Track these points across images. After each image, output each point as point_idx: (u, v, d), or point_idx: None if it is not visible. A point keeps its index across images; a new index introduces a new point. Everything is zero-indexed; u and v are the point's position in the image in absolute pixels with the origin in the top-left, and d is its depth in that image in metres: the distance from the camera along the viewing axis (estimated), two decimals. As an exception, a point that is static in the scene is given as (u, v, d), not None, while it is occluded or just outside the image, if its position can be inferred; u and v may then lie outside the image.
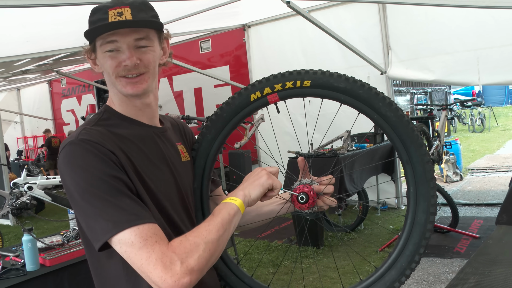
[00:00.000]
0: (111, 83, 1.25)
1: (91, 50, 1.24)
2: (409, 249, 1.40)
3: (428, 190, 1.39)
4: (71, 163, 1.11)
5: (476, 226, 5.57)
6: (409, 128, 1.38)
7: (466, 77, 5.98)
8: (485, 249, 1.97)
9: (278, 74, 1.39)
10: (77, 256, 2.84)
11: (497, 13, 4.85)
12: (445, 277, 4.13)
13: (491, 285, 1.60)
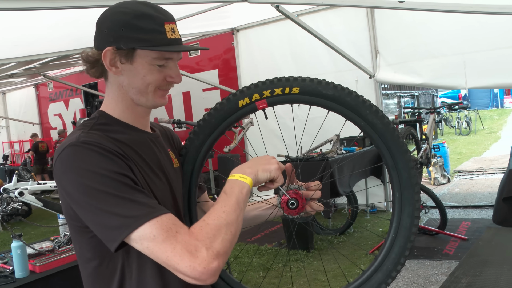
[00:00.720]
0: (140, 93, 1.21)
1: (124, 54, 1.17)
2: (394, 252, 1.45)
3: (413, 195, 1.42)
4: (74, 165, 1.06)
5: (464, 228, 5.62)
6: (394, 135, 1.41)
7: (453, 81, 6.04)
8: (475, 251, 2.00)
9: (267, 81, 1.39)
10: (67, 262, 2.81)
11: (483, 18, 4.91)
12: (434, 279, 4.17)
13: (482, 286, 1.62)
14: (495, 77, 5.91)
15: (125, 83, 1.21)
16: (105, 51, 1.16)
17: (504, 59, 5.65)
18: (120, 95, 1.23)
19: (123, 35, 1.15)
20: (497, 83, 6.46)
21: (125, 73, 1.20)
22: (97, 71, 1.24)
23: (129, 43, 1.15)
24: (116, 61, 1.18)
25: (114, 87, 1.23)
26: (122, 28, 1.15)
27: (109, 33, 1.16)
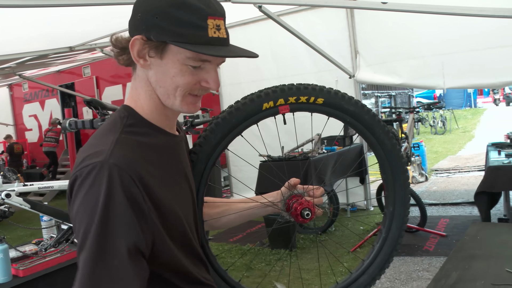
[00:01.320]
0: (167, 93, 1.06)
1: (154, 47, 1.01)
2: (380, 258, 1.59)
3: (404, 211, 1.58)
4: (95, 191, 0.91)
5: (443, 224, 5.73)
6: (399, 156, 1.53)
7: (432, 81, 6.15)
8: (462, 246, 2.05)
9: (293, 87, 1.41)
10: (52, 265, 2.77)
11: (460, 20, 5.02)
12: (416, 275, 4.23)
13: (472, 278, 1.67)
14: (472, 78, 6.04)
15: (153, 80, 1.06)
16: (133, 40, 1.01)
17: (480, 61, 5.78)
18: (148, 92, 1.08)
19: (155, 24, 0.99)
20: (473, 84, 6.60)
21: (154, 68, 1.04)
22: (126, 59, 1.08)
23: (160, 35, 0.99)
24: (145, 52, 1.02)
25: (142, 82, 1.08)
26: (156, 16, 0.98)
27: (143, 19, 1.00)
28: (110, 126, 1.05)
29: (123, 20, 4.65)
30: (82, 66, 10.58)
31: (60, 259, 2.86)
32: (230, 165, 8.55)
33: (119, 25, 5.85)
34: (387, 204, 1.57)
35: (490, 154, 5.14)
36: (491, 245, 2.04)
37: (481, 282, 1.63)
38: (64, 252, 2.93)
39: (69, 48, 6.39)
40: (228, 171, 8.62)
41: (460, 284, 1.64)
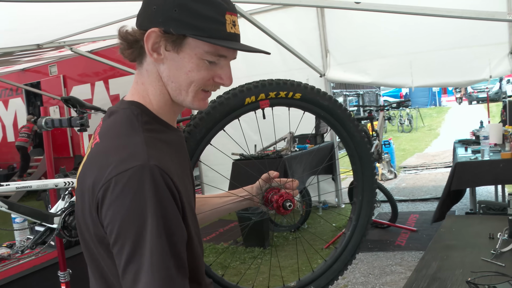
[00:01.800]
0: (180, 89, 1.03)
1: (171, 40, 0.98)
2: (351, 245, 1.69)
3: (372, 199, 1.69)
4: (140, 195, 0.88)
5: (413, 220, 5.86)
6: (367, 148, 1.65)
7: (401, 80, 6.29)
8: (439, 237, 2.12)
9: (273, 82, 1.46)
10: (27, 268, 2.71)
11: (428, 20, 5.14)
12: (389, 269, 4.32)
13: (450, 267, 1.74)
14: (438, 77, 6.21)
15: (165, 74, 1.02)
16: (150, 32, 0.97)
17: (447, 60, 5.95)
18: (158, 87, 1.04)
19: (174, 17, 0.96)
20: (440, 82, 6.78)
21: (167, 63, 1.01)
22: (134, 53, 1.04)
23: (180, 28, 0.96)
24: (159, 46, 0.99)
25: (152, 76, 1.04)
26: (175, 9, 0.96)
27: (159, 11, 0.97)
28: (128, 125, 1.00)
29: (94, 18, 4.53)
30: (48, 65, 10.32)
31: (35, 261, 2.81)
32: (201, 164, 8.51)
33: (89, 22, 5.78)
34: (357, 193, 1.67)
35: (457, 151, 5.29)
36: (466, 236, 2.11)
37: (459, 270, 1.68)
38: (39, 255, 2.87)
39: (37, 45, 6.24)
40: (200, 170, 8.59)
41: (440, 273, 1.69)
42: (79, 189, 1.00)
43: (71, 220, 2.34)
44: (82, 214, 0.99)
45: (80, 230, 1.03)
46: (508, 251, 1.82)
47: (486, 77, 5.94)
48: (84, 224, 0.99)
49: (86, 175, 0.96)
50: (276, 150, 5.89)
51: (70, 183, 2.39)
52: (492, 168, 4.42)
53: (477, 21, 3.94)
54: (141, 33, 1.00)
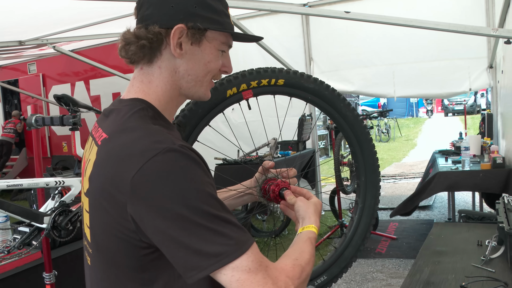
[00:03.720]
0: (195, 82, 1.08)
1: (193, 35, 1.04)
2: (361, 228, 1.68)
3: (376, 179, 1.67)
4: (182, 174, 0.88)
5: (393, 228, 5.94)
6: (362, 126, 1.62)
7: (383, 89, 6.40)
8: (429, 244, 2.16)
9: (253, 71, 1.45)
10: (10, 269, 2.66)
11: (410, 31, 5.24)
12: (370, 276, 4.37)
13: (443, 271, 1.78)
14: (420, 88, 6.34)
15: (182, 68, 1.06)
16: (176, 29, 1.01)
17: (428, 71, 6.09)
18: (169, 83, 1.07)
19: (196, 13, 1.02)
20: (421, 93, 6.91)
21: (187, 57, 1.05)
22: (142, 53, 1.05)
23: (204, 22, 1.03)
24: (181, 41, 1.03)
25: (166, 72, 1.06)
26: (195, 5, 1.02)
27: (179, 9, 1.02)
28: (139, 118, 1.00)
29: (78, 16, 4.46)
30: (27, 63, 10.14)
31: (18, 262, 2.76)
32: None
33: (74, 21, 5.72)
34: (359, 174, 1.64)
35: (438, 161, 5.39)
36: (455, 242, 2.16)
37: (452, 275, 1.72)
38: (22, 256, 2.82)
39: (19, 42, 6.14)
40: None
41: (433, 278, 1.73)
42: (92, 188, 0.98)
43: (61, 220, 2.31)
44: (95, 211, 0.97)
45: (92, 227, 1.00)
46: (497, 257, 1.87)
47: (466, 89, 6.10)
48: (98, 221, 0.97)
49: (102, 172, 0.94)
50: (258, 155, 5.91)
51: (61, 182, 2.36)
52: (472, 178, 4.53)
53: (458, 35, 4.04)
54: (158, 32, 1.02)
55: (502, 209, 2.00)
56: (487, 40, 5.74)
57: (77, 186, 2.39)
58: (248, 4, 4.35)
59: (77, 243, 3.25)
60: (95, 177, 0.96)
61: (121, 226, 0.92)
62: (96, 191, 0.96)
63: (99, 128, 1.05)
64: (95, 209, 0.98)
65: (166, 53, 1.05)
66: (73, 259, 3.12)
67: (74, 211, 2.37)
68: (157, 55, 1.05)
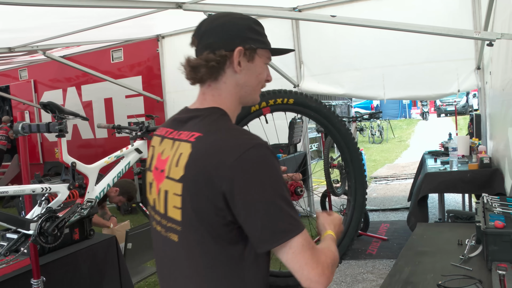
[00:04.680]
0: (249, 90, 1.36)
1: (247, 54, 1.31)
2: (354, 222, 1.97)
3: (364, 180, 1.96)
4: (269, 165, 1.14)
5: (384, 229, 5.98)
6: (352, 137, 1.93)
7: (373, 92, 6.44)
8: (411, 244, 2.20)
9: (270, 92, 1.73)
10: None
11: (399, 34, 5.29)
12: (361, 277, 4.40)
13: (422, 272, 1.82)
14: (410, 90, 6.39)
15: (241, 81, 1.33)
16: (237, 51, 1.28)
17: (417, 73, 6.13)
18: (233, 94, 1.34)
19: (249, 37, 1.31)
20: (411, 95, 6.97)
21: (244, 72, 1.32)
22: (209, 74, 1.31)
23: (257, 43, 1.32)
24: (240, 60, 1.30)
25: (230, 86, 1.33)
26: (246, 32, 1.31)
27: (235, 35, 1.30)
28: (226, 121, 1.29)
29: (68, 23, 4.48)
30: (18, 69, 10.14)
31: (6, 269, 2.76)
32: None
33: (64, 27, 5.74)
34: (349, 178, 1.96)
35: (427, 162, 5.43)
36: (436, 242, 2.19)
37: (430, 275, 1.76)
38: (10, 263, 2.82)
39: (8, 49, 6.15)
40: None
41: (413, 278, 1.76)
42: (189, 174, 1.18)
43: (48, 226, 2.32)
44: (192, 196, 1.18)
45: (185, 208, 1.20)
46: (475, 256, 1.90)
47: (455, 91, 6.14)
48: (194, 205, 1.18)
49: (202, 161, 1.16)
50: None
51: (48, 188, 2.37)
52: (460, 178, 4.58)
53: (446, 38, 4.09)
54: (228, 53, 1.29)
55: (480, 208, 2.04)
56: (474, 42, 5.80)
57: (64, 192, 2.41)
58: (235, 9, 4.40)
59: (66, 249, 3.27)
60: (194, 165, 1.18)
61: (213, 205, 1.14)
62: (194, 176, 1.17)
63: (180, 131, 1.30)
64: (190, 191, 1.18)
65: (229, 71, 1.31)
66: (63, 265, 3.13)
67: (61, 217, 2.38)
68: (221, 73, 1.31)
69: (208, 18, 1.36)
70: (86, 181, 2.59)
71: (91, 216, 3.49)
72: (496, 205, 2.05)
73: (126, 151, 2.81)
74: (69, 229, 3.35)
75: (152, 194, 1.35)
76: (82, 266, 3.27)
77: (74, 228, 3.40)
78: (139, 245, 3.91)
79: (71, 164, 2.48)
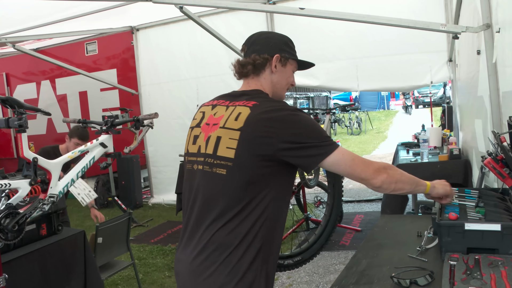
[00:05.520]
0: (279, 88, 1.79)
1: (282, 61, 1.75)
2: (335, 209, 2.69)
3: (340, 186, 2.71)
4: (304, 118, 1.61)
5: (358, 220, 6.04)
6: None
7: (347, 83, 6.48)
8: (372, 236, 2.22)
9: None
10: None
11: (372, 26, 5.31)
12: (333, 268, 4.44)
13: (379, 264, 1.84)
14: (383, 81, 6.45)
15: (275, 80, 1.78)
16: (275, 57, 1.74)
17: (390, 65, 6.20)
18: (269, 87, 1.78)
19: (285, 49, 1.78)
20: (384, 87, 7.03)
21: (277, 73, 1.77)
22: (252, 70, 1.74)
23: (289, 55, 1.78)
24: (276, 64, 1.75)
25: (267, 82, 1.77)
26: (283, 45, 1.78)
27: (276, 46, 1.76)
28: (270, 98, 1.74)
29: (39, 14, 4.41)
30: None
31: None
32: (150, 165, 8.47)
33: (34, 19, 5.63)
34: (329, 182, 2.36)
35: (399, 153, 5.50)
36: (397, 234, 2.22)
37: (387, 267, 1.78)
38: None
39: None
40: (148, 172, 8.51)
41: (368, 270, 1.78)
42: (248, 126, 1.58)
43: (8, 223, 2.29)
44: (246, 140, 1.57)
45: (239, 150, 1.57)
46: (432, 248, 1.93)
47: (428, 82, 6.22)
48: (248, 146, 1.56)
49: (260, 117, 1.58)
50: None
51: (7, 185, 2.33)
52: (430, 169, 4.63)
53: (419, 30, 4.13)
54: (265, 58, 1.74)
55: (438, 200, 2.06)
56: (447, 35, 5.86)
57: (25, 188, 2.36)
58: (207, 1, 4.37)
59: (33, 245, 3.23)
60: (253, 119, 1.58)
61: (262, 149, 1.55)
62: (252, 127, 1.57)
63: (234, 101, 1.69)
64: (246, 139, 1.57)
65: (268, 70, 1.76)
66: (28, 262, 3.09)
67: (22, 213, 2.34)
68: (262, 71, 1.76)
69: (257, 33, 1.83)
70: (49, 177, 2.55)
71: (58, 211, 3.46)
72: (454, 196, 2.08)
73: (90, 146, 2.77)
74: (35, 225, 3.32)
75: (198, 143, 1.71)
76: (48, 262, 3.24)
77: (41, 223, 3.37)
78: (110, 239, 3.88)
79: (33, 159, 2.43)
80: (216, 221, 1.58)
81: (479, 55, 3.50)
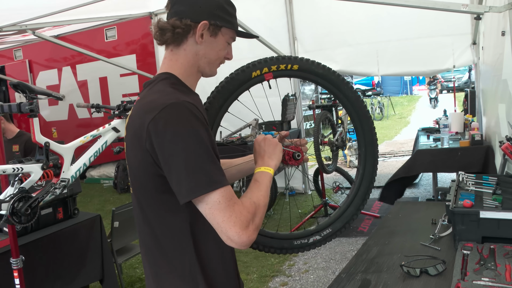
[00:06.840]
0: (206, 62, 1.43)
1: (212, 29, 1.39)
2: (362, 191, 1.90)
3: (375, 150, 1.89)
4: (181, 121, 1.21)
5: (377, 206, 5.97)
6: (363, 105, 1.87)
7: (367, 68, 6.36)
8: (385, 223, 2.17)
9: (274, 58, 1.72)
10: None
11: (393, 10, 5.19)
12: (350, 255, 4.40)
13: (389, 252, 1.79)
14: (404, 66, 6.31)
15: (201, 53, 1.41)
16: (201, 24, 1.36)
17: (411, 49, 6.05)
18: (191, 61, 1.42)
19: (217, 14, 1.39)
20: (405, 71, 6.89)
21: (205, 45, 1.41)
22: (173, 38, 1.39)
23: (221, 22, 1.40)
24: (203, 33, 1.38)
25: (189, 54, 1.41)
26: (215, 9, 1.39)
27: (205, 9, 1.38)
28: (160, 85, 1.35)
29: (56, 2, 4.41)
30: (13, 49, 10.06)
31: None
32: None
33: (53, 4, 5.65)
34: (359, 146, 1.91)
35: (420, 139, 5.39)
36: (410, 221, 2.16)
37: (397, 255, 1.73)
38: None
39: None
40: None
41: (378, 258, 1.74)
42: (128, 135, 1.35)
43: (21, 206, 2.31)
44: (132, 152, 1.32)
45: (129, 163, 1.36)
46: (446, 236, 1.87)
47: (450, 66, 6.06)
48: (134, 160, 1.32)
49: (134, 121, 1.30)
50: (241, 136, 5.90)
51: (20, 169, 2.35)
52: (451, 156, 4.53)
53: (441, 12, 4.00)
54: (193, 24, 1.37)
55: (454, 187, 2.00)
56: (470, 17, 5.68)
57: (37, 172, 2.38)
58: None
59: (49, 229, 3.28)
60: (129, 126, 1.35)
61: (145, 160, 1.26)
62: (130, 136, 1.32)
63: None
64: (130, 150, 1.34)
65: (191, 40, 1.39)
66: (45, 245, 3.14)
67: (34, 197, 2.36)
68: (184, 40, 1.39)
69: None
70: (62, 161, 2.57)
71: (74, 195, 3.50)
72: (470, 183, 2.01)
73: (102, 130, 2.78)
74: (52, 209, 3.36)
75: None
76: (64, 245, 3.28)
77: (57, 207, 3.41)
78: (127, 224, 3.90)
79: (45, 144, 2.45)
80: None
81: (503, 36, 3.37)
